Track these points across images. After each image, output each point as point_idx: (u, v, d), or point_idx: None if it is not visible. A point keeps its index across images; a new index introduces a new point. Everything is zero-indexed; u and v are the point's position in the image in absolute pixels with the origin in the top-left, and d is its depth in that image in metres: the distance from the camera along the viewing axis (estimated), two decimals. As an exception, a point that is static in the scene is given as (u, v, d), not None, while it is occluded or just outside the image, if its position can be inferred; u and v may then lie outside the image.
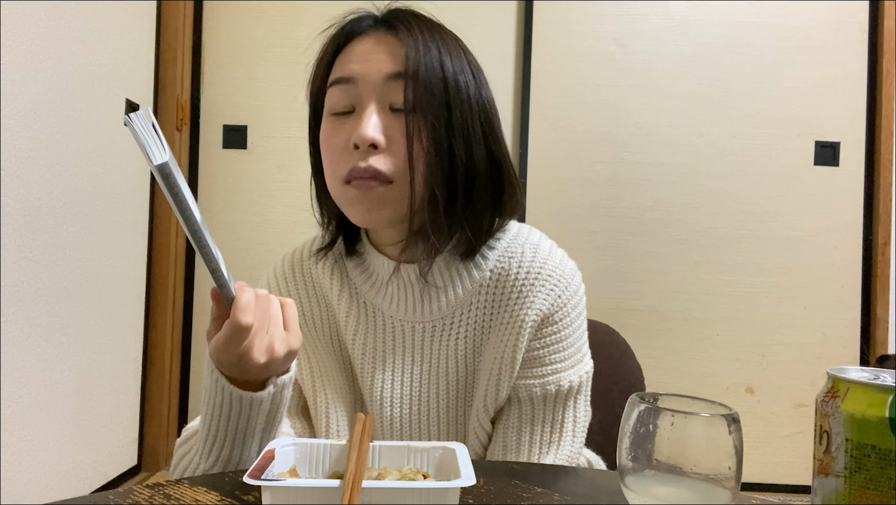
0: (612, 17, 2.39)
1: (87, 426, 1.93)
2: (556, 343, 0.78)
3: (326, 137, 0.75)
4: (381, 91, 0.72)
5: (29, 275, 1.65)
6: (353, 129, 0.72)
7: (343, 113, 0.74)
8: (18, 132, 1.59)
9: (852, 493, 0.45)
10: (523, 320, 0.77)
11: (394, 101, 0.72)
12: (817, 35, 2.39)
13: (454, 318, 0.79)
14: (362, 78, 0.72)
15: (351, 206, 0.74)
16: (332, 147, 0.74)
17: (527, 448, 0.78)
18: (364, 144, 0.71)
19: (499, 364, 0.78)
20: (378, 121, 0.71)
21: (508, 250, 0.79)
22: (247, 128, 2.41)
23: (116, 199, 2.06)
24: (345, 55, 0.76)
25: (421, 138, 0.71)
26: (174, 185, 0.57)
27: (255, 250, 2.40)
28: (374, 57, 0.73)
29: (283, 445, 0.61)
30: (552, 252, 0.80)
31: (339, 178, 0.73)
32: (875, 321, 2.36)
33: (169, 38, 2.33)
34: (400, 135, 0.71)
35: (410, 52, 0.71)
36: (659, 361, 2.37)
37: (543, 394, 0.78)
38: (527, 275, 0.78)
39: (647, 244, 2.38)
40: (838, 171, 2.39)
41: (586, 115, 2.39)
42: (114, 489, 0.62)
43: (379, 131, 0.71)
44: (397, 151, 0.72)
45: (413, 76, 0.71)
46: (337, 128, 0.74)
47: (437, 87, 0.72)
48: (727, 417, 0.49)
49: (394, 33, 0.74)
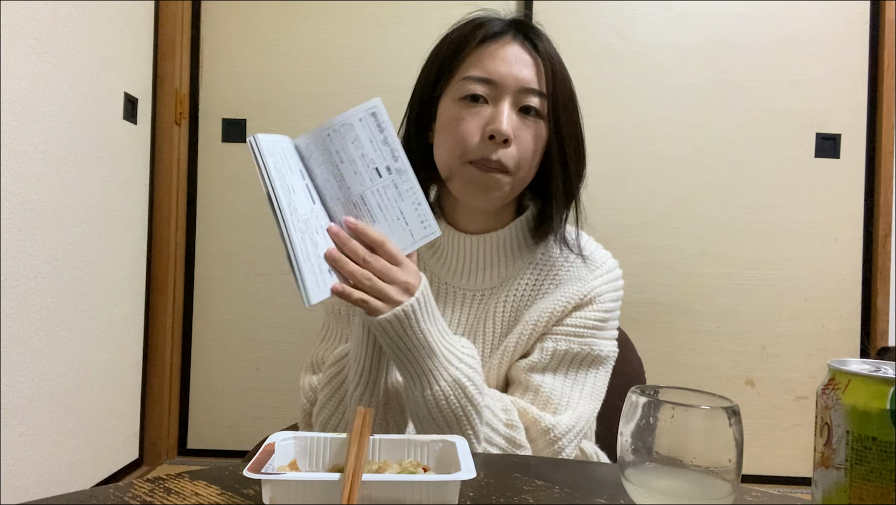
0: (612, 9, 2.38)
1: (88, 420, 1.93)
2: (594, 320, 0.90)
3: (456, 118, 0.86)
4: (515, 95, 0.85)
5: (29, 269, 1.65)
6: (486, 119, 0.84)
7: (475, 101, 0.85)
8: (18, 127, 1.59)
9: (853, 485, 0.45)
10: (566, 295, 0.89)
11: (523, 105, 0.85)
12: (818, 27, 2.38)
13: (502, 288, 0.92)
14: (503, 81, 0.84)
15: (468, 183, 0.86)
16: (461, 129, 0.85)
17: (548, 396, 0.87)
18: (500, 138, 0.83)
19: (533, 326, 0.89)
20: (513, 118, 0.84)
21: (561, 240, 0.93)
22: (246, 121, 2.41)
23: (116, 193, 2.06)
24: (486, 53, 0.86)
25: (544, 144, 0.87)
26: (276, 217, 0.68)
27: (255, 244, 2.40)
28: (515, 65, 0.85)
29: (283, 438, 0.61)
30: (599, 248, 0.97)
31: (464, 158, 0.85)
32: (875, 313, 2.36)
33: (167, 31, 2.32)
34: (526, 135, 0.85)
35: (548, 74, 0.86)
36: (659, 353, 2.37)
37: (577, 352, 0.89)
38: (576, 259, 0.92)
39: (647, 236, 2.38)
40: (839, 163, 2.39)
41: (586, 108, 2.35)
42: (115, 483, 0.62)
43: (512, 127, 0.84)
44: (522, 149, 0.85)
45: (550, 96, 0.86)
46: (470, 113, 0.85)
47: (560, 105, 0.87)
48: (727, 410, 0.49)
49: (529, 46, 0.87)
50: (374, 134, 0.75)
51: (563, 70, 0.89)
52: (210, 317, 2.42)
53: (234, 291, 2.41)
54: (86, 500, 0.56)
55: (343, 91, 2.36)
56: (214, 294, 2.42)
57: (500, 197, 0.87)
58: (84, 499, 0.56)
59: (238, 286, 2.41)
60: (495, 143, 0.83)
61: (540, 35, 0.90)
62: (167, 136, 2.33)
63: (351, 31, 2.38)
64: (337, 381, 0.85)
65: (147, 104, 2.26)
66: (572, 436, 0.86)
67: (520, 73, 0.85)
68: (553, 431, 0.84)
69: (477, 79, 0.85)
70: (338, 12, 2.39)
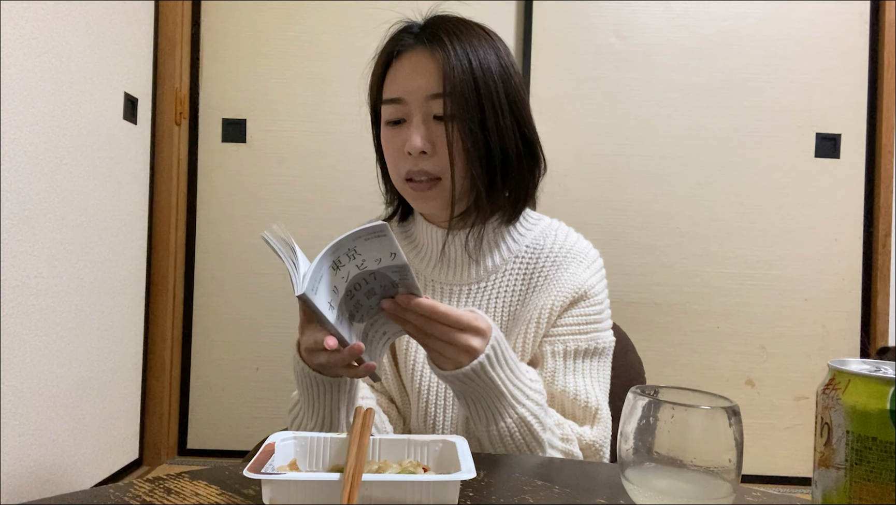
0: (612, 9, 2.38)
1: (88, 420, 1.93)
2: (593, 314, 0.92)
3: (386, 143, 0.91)
4: (424, 106, 0.87)
5: (29, 269, 1.65)
6: (405, 137, 0.87)
7: (396, 123, 0.89)
8: (18, 126, 1.59)
9: (853, 485, 0.45)
10: (559, 290, 0.91)
11: (436, 112, 0.87)
12: (818, 27, 2.38)
13: (489, 281, 0.94)
14: (408, 97, 0.87)
15: (411, 199, 0.92)
16: (391, 151, 0.90)
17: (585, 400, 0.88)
18: (415, 152, 0.86)
19: (535, 324, 0.90)
20: (424, 130, 0.87)
21: (543, 233, 0.96)
22: (246, 121, 2.41)
23: (116, 193, 2.06)
24: (392, 74, 0.90)
25: (459, 143, 0.86)
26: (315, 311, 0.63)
27: (255, 244, 2.40)
28: (416, 78, 0.87)
29: (283, 438, 0.61)
30: (580, 238, 0.98)
31: (399, 176, 0.90)
32: (875, 313, 2.36)
33: (167, 31, 2.32)
34: (441, 141, 0.87)
35: (446, 71, 0.85)
36: (659, 353, 2.37)
37: (586, 348, 0.91)
38: (559, 250, 0.94)
39: (647, 237, 2.38)
40: (839, 163, 2.39)
41: (587, 108, 2.38)
42: (115, 483, 0.62)
43: (425, 140, 0.86)
44: (442, 154, 0.87)
45: (449, 94, 0.85)
46: (393, 135, 0.89)
47: (470, 98, 0.85)
48: (727, 410, 0.49)
49: (431, 49, 0.87)
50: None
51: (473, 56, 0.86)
52: (210, 317, 2.42)
53: (234, 291, 2.41)
54: (86, 500, 0.56)
55: (343, 91, 2.36)
56: (214, 294, 2.42)
57: (444, 204, 0.89)
58: (84, 499, 0.56)
59: (238, 286, 2.41)
60: (414, 159, 0.87)
61: (446, 29, 0.88)
62: (167, 136, 2.33)
63: (351, 31, 2.38)
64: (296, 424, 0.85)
65: (147, 104, 2.26)
66: (607, 439, 0.90)
67: (422, 83, 0.86)
68: (596, 444, 0.88)
69: (390, 101, 0.89)
70: (338, 12, 2.39)
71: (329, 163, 2.37)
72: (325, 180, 2.37)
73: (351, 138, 2.34)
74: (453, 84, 0.85)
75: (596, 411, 0.89)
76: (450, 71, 0.85)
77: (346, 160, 2.36)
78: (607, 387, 0.94)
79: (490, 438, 0.79)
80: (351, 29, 2.38)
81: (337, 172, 2.37)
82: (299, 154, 2.38)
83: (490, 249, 0.95)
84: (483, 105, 0.86)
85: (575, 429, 0.87)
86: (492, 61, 0.88)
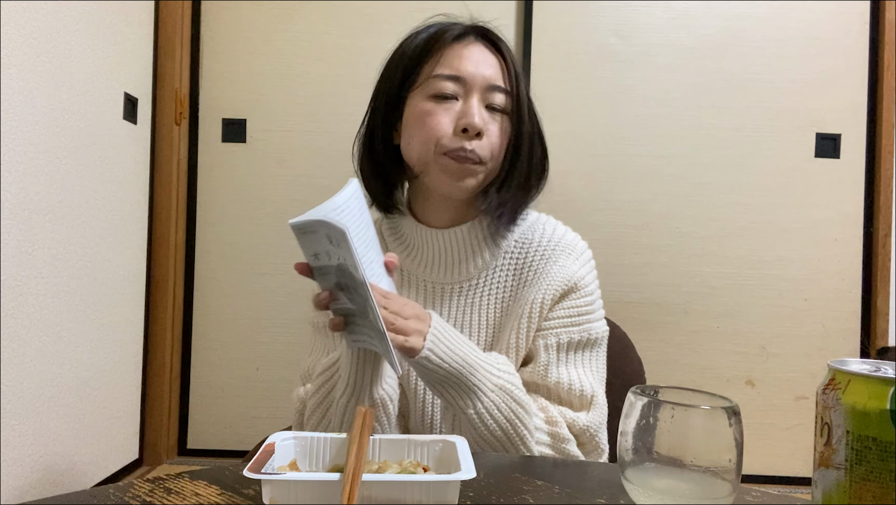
0: (612, 8, 2.38)
1: (88, 420, 1.93)
2: (585, 305, 0.93)
3: (430, 113, 0.90)
4: (482, 92, 0.91)
5: (29, 269, 1.65)
6: (458, 113, 0.90)
7: (446, 99, 0.90)
8: (17, 126, 1.59)
9: (853, 485, 0.45)
10: (549, 283, 0.92)
11: (490, 102, 0.91)
12: (818, 27, 2.38)
13: (480, 278, 0.96)
14: (471, 78, 0.90)
15: (444, 172, 0.91)
16: (435, 122, 0.90)
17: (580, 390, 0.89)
18: (473, 131, 0.88)
19: (527, 319, 0.91)
20: (483, 114, 0.90)
21: (531, 228, 0.98)
22: (246, 121, 2.41)
23: (116, 193, 2.06)
24: (453, 53, 0.92)
25: (510, 137, 0.92)
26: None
27: (255, 244, 2.40)
28: (482, 64, 0.91)
29: (283, 438, 0.61)
30: (567, 231, 1.00)
31: (437, 150, 0.90)
32: (875, 313, 2.36)
33: (167, 31, 2.32)
34: (494, 128, 0.91)
35: (510, 73, 0.93)
36: (659, 353, 2.37)
37: (578, 340, 0.92)
38: (548, 243, 0.96)
39: (647, 237, 2.38)
40: (839, 163, 2.39)
41: (586, 108, 2.38)
42: (115, 483, 0.62)
43: (484, 121, 0.89)
44: (492, 141, 0.91)
45: (514, 94, 0.92)
46: (443, 109, 0.90)
47: (522, 102, 0.93)
48: (727, 410, 0.49)
49: (492, 48, 0.94)
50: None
51: (519, 70, 0.95)
52: (210, 317, 2.42)
53: (234, 291, 2.41)
54: (86, 500, 0.56)
55: (343, 91, 2.36)
56: (214, 294, 2.42)
57: (475, 186, 0.92)
58: (84, 499, 0.56)
59: (238, 286, 2.41)
60: (468, 136, 0.89)
61: (500, 38, 0.96)
62: (167, 136, 2.33)
63: (351, 31, 2.38)
64: (324, 389, 0.86)
65: (147, 104, 2.26)
66: (603, 424, 0.91)
67: (486, 72, 0.91)
68: (590, 428, 0.89)
69: (447, 76, 0.90)
70: (338, 12, 2.38)
71: (329, 163, 2.37)
72: (325, 180, 2.37)
73: (351, 138, 2.33)
74: (513, 84, 0.92)
75: (592, 398, 0.90)
76: (512, 71, 0.93)
77: (346, 160, 2.35)
78: (603, 376, 0.95)
79: (480, 417, 0.80)
80: (351, 29, 2.38)
81: (337, 172, 2.37)
82: (299, 154, 2.38)
83: (481, 247, 0.96)
84: (527, 111, 0.94)
85: (567, 414, 0.88)
86: (523, 74, 0.96)
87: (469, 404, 0.80)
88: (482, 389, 0.80)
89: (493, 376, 0.81)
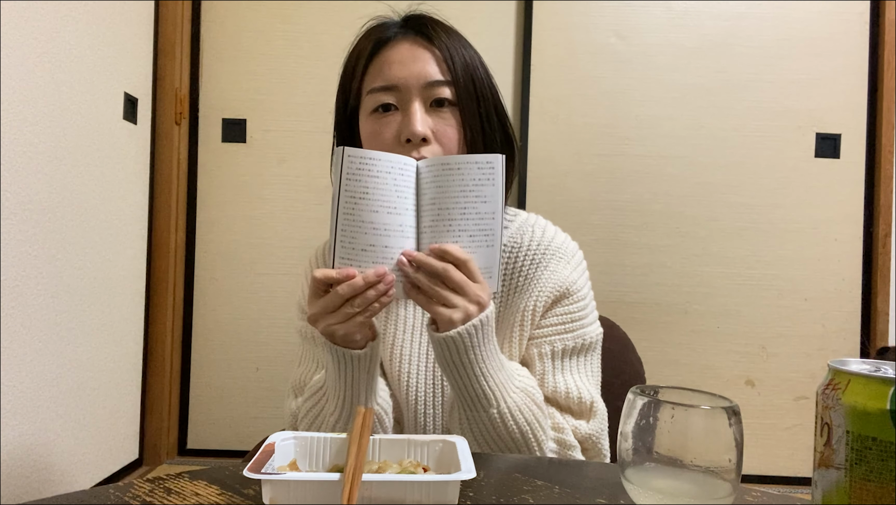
0: (612, 9, 2.38)
1: (88, 420, 1.93)
2: (578, 311, 0.91)
3: (374, 133, 0.86)
4: (422, 93, 0.85)
5: (29, 269, 1.65)
6: (400, 125, 0.84)
7: (386, 110, 0.85)
8: (18, 126, 1.59)
9: (853, 485, 0.45)
10: (541, 289, 0.90)
11: (435, 97, 0.85)
12: (818, 27, 2.38)
13: None
14: (405, 84, 0.84)
15: None
16: (381, 141, 0.85)
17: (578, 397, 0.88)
18: (416, 139, 0.83)
19: (519, 327, 0.89)
20: (425, 118, 0.84)
21: (520, 229, 0.93)
22: (246, 121, 2.41)
23: (116, 193, 2.06)
24: (381, 62, 0.87)
25: (462, 130, 0.86)
26: None
27: (255, 244, 2.40)
28: (411, 65, 0.85)
29: (283, 438, 0.61)
30: (557, 232, 0.95)
31: None
32: (875, 313, 2.36)
33: (167, 31, 2.32)
34: (445, 128, 0.85)
35: (448, 61, 0.85)
36: (659, 353, 2.37)
37: (573, 346, 0.90)
38: (538, 247, 0.92)
39: (647, 237, 2.38)
40: (839, 163, 2.39)
41: (586, 108, 2.38)
42: (115, 483, 0.62)
43: (426, 127, 0.84)
44: (446, 142, 0.85)
45: (455, 83, 0.85)
46: (383, 124, 0.85)
47: (469, 86, 0.86)
48: (727, 410, 0.49)
49: (423, 40, 0.87)
50: (484, 182, 0.73)
51: (464, 50, 0.88)
52: (210, 317, 2.42)
53: (234, 291, 2.41)
54: (86, 500, 0.56)
55: (343, 91, 2.36)
56: (214, 294, 2.42)
57: None
58: (84, 499, 0.56)
59: (238, 286, 2.41)
60: (414, 146, 0.83)
61: (432, 24, 0.89)
62: (167, 136, 2.33)
63: (351, 31, 2.38)
64: (315, 411, 0.85)
65: (147, 104, 2.26)
66: (605, 430, 0.90)
67: (420, 70, 0.85)
68: (593, 436, 0.87)
69: (380, 89, 0.85)
70: (338, 12, 2.39)
71: (329, 163, 2.36)
72: (325, 180, 2.35)
73: (351, 138, 2.33)
74: (455, 72, 0.85)
75: (591, 405, 0.89)
76: (450, 60, 0.86)
77: (346, 160, 2.36)
78: (598, 379, 0.94)
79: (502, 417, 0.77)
80: (351, 29, 2.37)
81: (337, 172, 2.36)
82: (299, 154, 2.38)
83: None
84: (478, 95, 0.87)
85: (570, 421, 0.87)
86: (475, 55, 0.90)
87: (493, 403, 0.77)
88: (507, 388, 0.78)
89: (517, 378, 0.80)
